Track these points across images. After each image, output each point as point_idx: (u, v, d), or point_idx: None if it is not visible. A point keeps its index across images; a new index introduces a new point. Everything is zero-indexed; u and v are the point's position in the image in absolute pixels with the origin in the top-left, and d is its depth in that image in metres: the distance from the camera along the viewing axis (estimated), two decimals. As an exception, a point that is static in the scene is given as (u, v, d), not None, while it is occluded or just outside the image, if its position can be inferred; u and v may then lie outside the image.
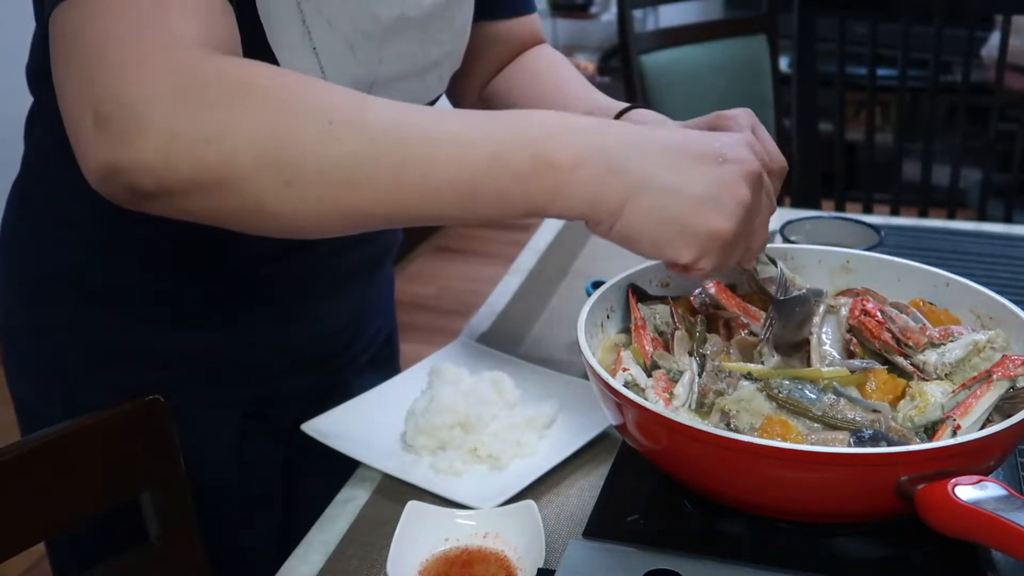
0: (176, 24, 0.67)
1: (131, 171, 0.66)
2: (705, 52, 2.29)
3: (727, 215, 0.70)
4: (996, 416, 0.82)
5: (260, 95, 0.67)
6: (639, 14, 4.23)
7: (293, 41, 0.84)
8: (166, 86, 0.65)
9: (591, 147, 0.68)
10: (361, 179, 0.67)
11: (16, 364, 1.05)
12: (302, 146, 0.66)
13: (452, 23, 0.98)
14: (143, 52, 0.65)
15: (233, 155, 0.65)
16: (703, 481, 0.82)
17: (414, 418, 1.00)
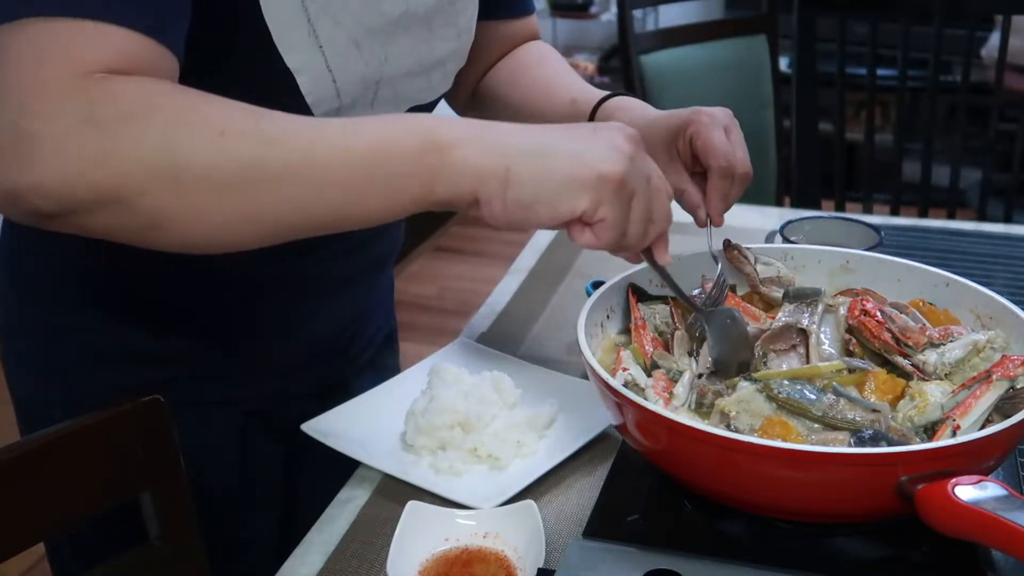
0: (78, 53, 0.68)
1: (30, 194, 0.67)
2: (705, 52, 2.29)
3: (610, 159, 0.73)
4: (996, 416, 0.82)
5: (152, 112, 0.68)
6: (639, 14, 4.23)
7: (299, 41, 0.84)
8: (60, 110, 0.66)
9: (471, 128, 0.73)
10: (254, 182, 0.68)
11: (16, 363, 1.05)
12: (193, 157, 0.68)
13: (457, 20, 0.98)
14: (42, 79, 0.67)
15: (126, 173, 0.67)
16: (703, 481, 0.82)
17: (414, 418, 1.00)
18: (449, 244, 4.00)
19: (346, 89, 0.88)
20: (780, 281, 1.01)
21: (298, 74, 0.85)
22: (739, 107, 2.46)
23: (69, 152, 0.66)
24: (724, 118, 0.96)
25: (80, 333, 0.99)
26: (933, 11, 2.02)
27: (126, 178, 0.67)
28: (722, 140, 0.95)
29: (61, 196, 0.67)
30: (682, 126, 0.96)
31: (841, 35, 2.09)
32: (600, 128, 0.75)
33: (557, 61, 1.15)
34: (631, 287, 0.99)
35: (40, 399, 1.03)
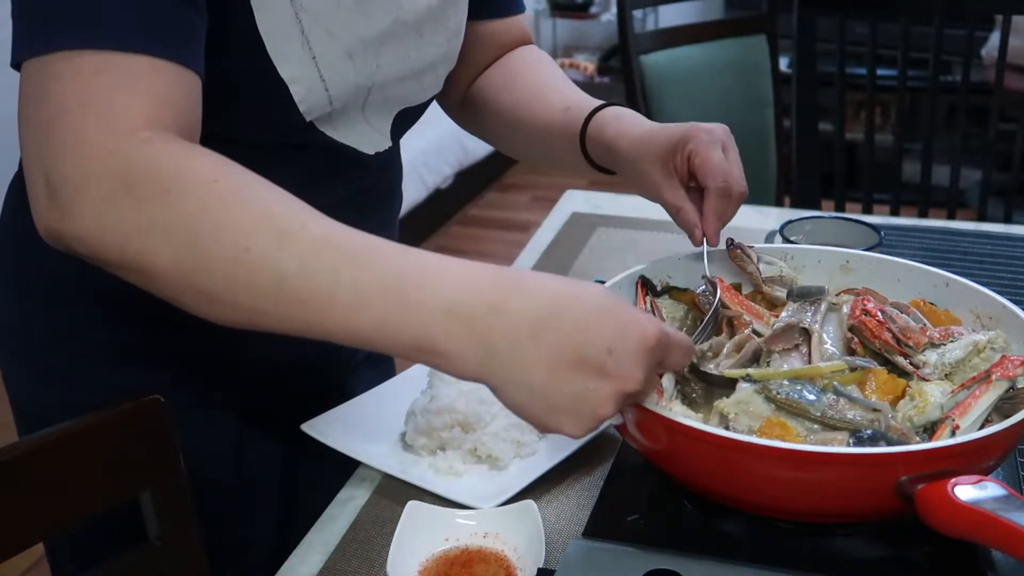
0: (122, 105, 0.70)
1: (70, 240, 0.71)
2: (705, 52, 2.29)
3: (580, 425, 0.70)
4: (995, 416, 0.82)
5: (185, 202, 0.69)
6: (639, 14, 4.23)
7: (293, 52, 0.84)
8: (101, 173, 0.69)
9: (474, 341, 0.68)
10: (266, 311, 0.70)
11: (15, 364, 1.05)
12: (215, 269, 0.70)
13: (446, 24, 0.98)
14: (86, 134, 0.69)
15: (153, 257, 0.70)
16: (703, 481, 0.82)
17: (414, 418, 1.00)
18: (449, 244, 4.00)
19: (338, 96, 0.89)
20: (783, 280, 1.01)
21: (292, 84, 0.85)
22: (739, 107, 2.47)
23: (104, 219, 0.70)
24: (722, 135, 0.96)
25: (78, 334, 0.99)
26: (933, 11, 2.02)
27: (152, 258, 0.70)
28: (720, 159, 0.94)
29: (94, 252, 0.71)
30: (680, 142, 0.95)
31: (841, 35, 2.09)
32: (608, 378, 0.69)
33: (549, 65, 1.15)
34: (641, 279, 0.99)
35: (38, 400, 1.03)
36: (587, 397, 0.69)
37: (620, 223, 1.57)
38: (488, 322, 0.68)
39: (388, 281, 0.69)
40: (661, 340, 0.71)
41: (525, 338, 0.68)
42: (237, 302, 0.70)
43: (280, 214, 0.70)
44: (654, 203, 1.01)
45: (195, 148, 0.73)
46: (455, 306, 0.68)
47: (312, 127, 0.90)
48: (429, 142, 3.77)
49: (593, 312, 0.69)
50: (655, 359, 0.71)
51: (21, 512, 0.83)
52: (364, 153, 0.96)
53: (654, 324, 0.71)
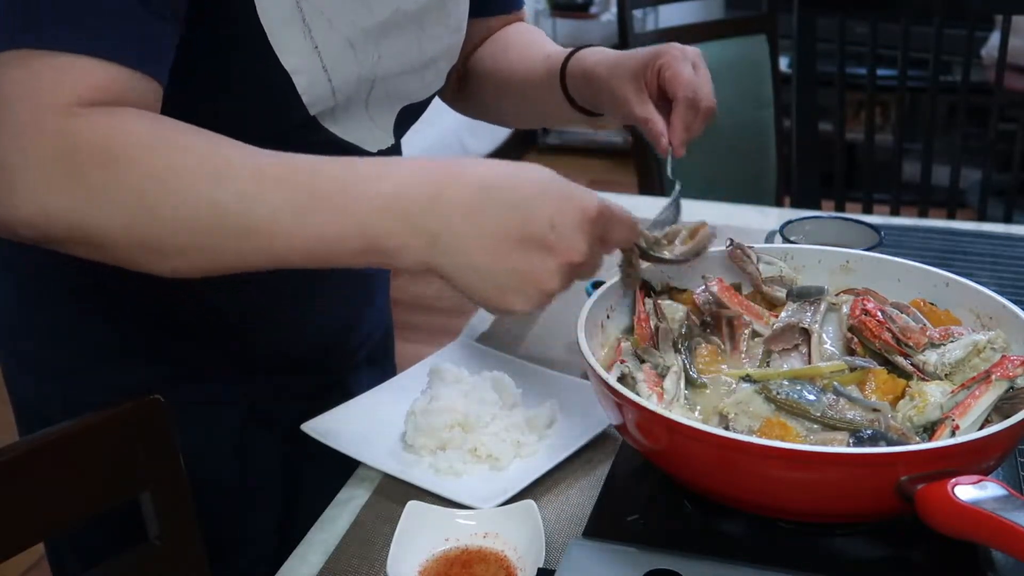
0: (52, 86, 0.71)
1: (15, 225, 0.72)
2: (705, 52, 2.29)
3: (528, 301, 0.74)
4: (995, 416, 0.82)
5: (123, 165, 0.71)
6: (639, 14, 4.23)
7: (295, 42, 0.84)
8: (37, 154, 0.70)
9: (414, 233, 0.72)
10: (217, 249, 0.73)
11: (15, 364, 1.05)
12: (162, 223, 0.72)
13: (447, 18, 0.98)
14: (18, 118, 0.70)
15: (103, 223, 0.72)
16: (703, 481, 0.82)
17: (414, 418, 1.00)
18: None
19: (341, 88, 0.89)
20: (783, 280, 1.01)
21: (295, 75, 0.85)
22: (739, 107, 2.47)
23: (45, 196, 0.70)
24: (693, 55, 0.99)
25: (79, 333, 0.99)
26: (933, 11, 2.02)
27: (100, 225, 0.72)
28: (690, 73, 0.97)
29: (40, 232, 0.72)
30: (652, 58, 0.98)
31: (841, 35, 2.09)
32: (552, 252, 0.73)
33: (537, 33, 1.17)
34: (640, 280, 0.99)
35: (39, 399, 1.03)
36: (533, 272, 0.73)
37: (620, 223, 1.57)
38: (425, 212, 0.72)
39: (325, 193, 0.72)
40: (602, 212, 0.75)
41: (462, 221, 0.72)
42: (185, 248, 0.73)
43: (211, 153, 0.73)
44: (655, 203, 1.01)
45: (124, 111, 0.74)
46: (391, 204, 0.72)
47: (316, 123, 0.90)
48: (430, 141, 3.76)
49: (532, 189, 0.73)
50: (596, 231, 0.75)
51: (21, 512, 0.83)
52: (366, 151, 0.96)
53: (593, 197, 0.75)
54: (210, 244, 0.73)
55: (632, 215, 0.81)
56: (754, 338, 0.94)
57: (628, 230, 0.80)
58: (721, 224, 1.55)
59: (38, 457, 0.83)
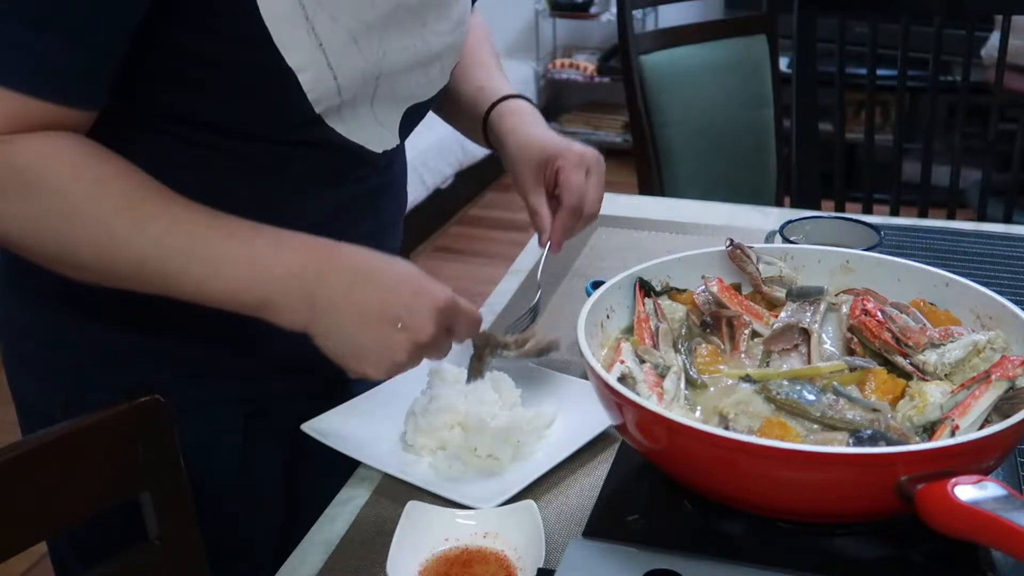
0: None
1: None
2: (705, 52, 2.29)
3: (379, 369, 0.88)
4: (995, 416, 0.82)
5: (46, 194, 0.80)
6: (639, 14, 4.23)
7: (298, 39, 0.84)
8: None
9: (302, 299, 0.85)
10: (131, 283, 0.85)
11: (18, 363, 1.05)
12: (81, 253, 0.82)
13: (449, 13, 0.98)
14: None
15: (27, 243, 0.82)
16: (703, 481, 0.82)
17: (414, 418, 1.00)
18: (449, 244, 4.00)
19: (347, 86, 0.89)
20: (782, 281, 1.01)
21: (299, 72, 0.85)
22: (739, 107, 2.47)
23: None
24: (590, 159, 1.09)
25: (81, 333, 0.99)
26: (933, 11, 2.02)
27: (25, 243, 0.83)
28: (580, 182, 1.07)
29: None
30: (551, 157, 1.08)
31: (841, 35, 2.09)
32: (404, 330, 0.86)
33: (483, 38, 1.21)
34: (639, 281, 0.99)
35: (42, 399, 1.03)
36: (387, 344, 0.86)
37: (620, 223, 1.57)
38: (314, 285, 0.85)
39: (237, 254, 0.84)
40: (449, 304, 0.87)
41: (340, 297, 0.85)
42: (107, 276, 0.84)
43: (137, 198, 0.82)
44: (655, 203, 1.02)
45: (58, 138, 0.80)
46: (290, 273, 0.85)
47: (321, 122, 0.90)
48: (429, 142, 3.76)
49: (396, 279, 0.87)
50: (445, 320, 0.87)
51: (21, 512, 0.83)
52: (372, 152, 0.97)
53: (444, 292, 0.88)
54: (128, 277, 0.84)
55: (479, 315, 0.93)
56: (754, 338, 0.94)
57: (471, 324, 0.92)
58: (721, 224, 1.56)
59: (38, 457, 0.83)
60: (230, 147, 0.90)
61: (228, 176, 0.92)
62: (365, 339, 0.86)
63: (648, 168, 2.26)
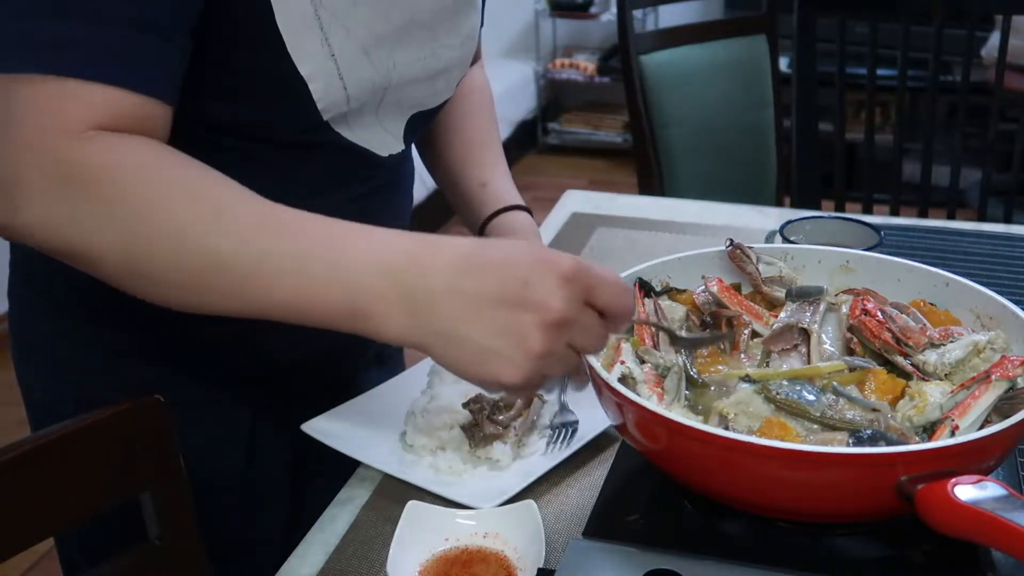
0: (70, 113, 0.74)
1: (19, 234, 0.76)
2: (705, 52, 2.29)
3: (514, 367, 0.71)
4: (995, 416, 0.82)
5: (121, 192, 0.74)
6: (639, 14, 4.23)
7: (313, 50, 0.84)
8: (41, 172, 0.73)
9: (399, 298, 0.72)
10: (207, 289, 0.75)
11: (28, 360, 1.05)
12: (154, 255, 0.74)
13: (460, 28, 0.98)
14: (29, 137, 0.73)
15: (96, 247, 0.74)
16: (703, 481, 0.82)
17: (414, 418, 1.00)
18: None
19: (355, 95, 0.89)
20: (782, 281, 1.01)
21: (311, 81, 0.85)
22: (739, 107, 2.47)
23: (47, 213, 0.74)
24: None
25: (91, 330, 1.00)
26: (933, 11, 2.02)
27: (94, 247, 0.74)
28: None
29: (40, 244, 0.76)
30: None
31: (841, 35, 2.09)
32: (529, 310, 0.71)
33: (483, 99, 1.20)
34: (639, 281, 0.99)
35: (52, 395, 1.04)
36: (512, 333, 0.71)
37: (620, 223, 1.57)
38: (411, 279, 0.72)
39: (320, 251, 0.73)
40: (578, 269, 0.73)
41: (443, 287, 0.72)
42: (178, 283, 0.75)
43: (213, 195, 0.75)
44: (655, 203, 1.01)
45: (131, 139, 0.76)
46: (383, 268, 0.73)
47: (328, 127, 0.90)
48: (429, 142, 3.76)
49: (508, 253, 0.73)
50: (576, 288, 0.72)
51: (22, 511, 0.83)
52: (379, 155, 0.97)
53: (569, 257, 0.73)
54: (201, 282, 0.74)
55: (623, 283, 0.77)
56: (754, 338, 0.94)
57: (618, 296, 0.76)
58: (721, 224, 1.56)
59: (38, 457, 0.84)
60: (236, 148, 0.90)
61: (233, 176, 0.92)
62: (482, 334, 0.71)
63: (648, 168, 2.26)
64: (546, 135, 4.99)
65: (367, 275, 0.72)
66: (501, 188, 1.14)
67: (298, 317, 0.74)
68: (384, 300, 0.72)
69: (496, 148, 1.19)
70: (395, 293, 0.72)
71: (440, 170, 1.19)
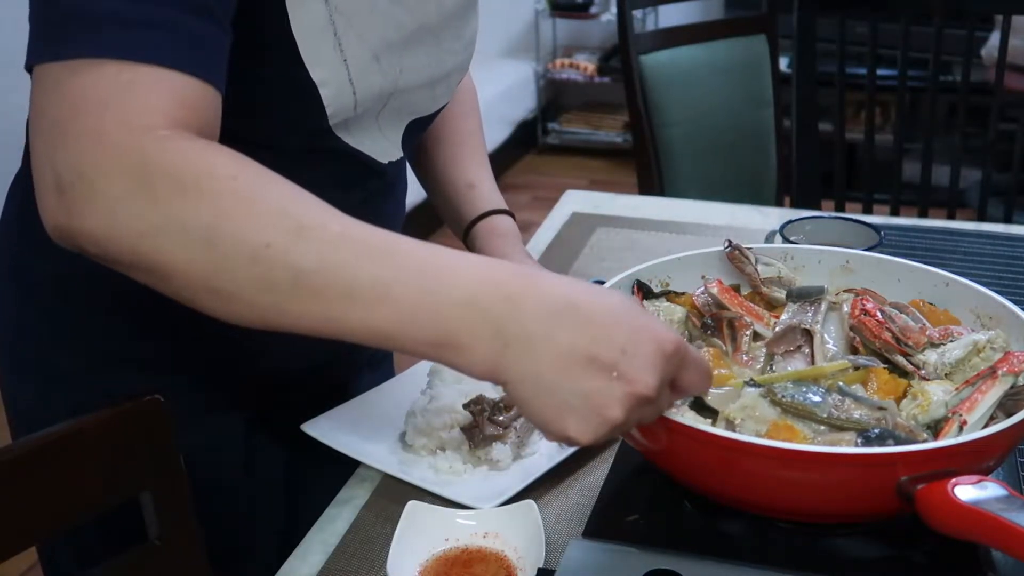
0: (142, 102, 0.69)
1: (80, 238, 0.70)
2: (705, 52, 2.29)
3: (587, 428, 0.69)
4: (999, 414, 0.82)
5: (202, 200, 0.68)
6: (639, 14, 4.23)
7: (326, 55, 0.84)
8: (117, 170, 0.68)
9: (491, 333, 0.68)
10: (282, 311, 0.69)
11: (17, 371, 1.04)
12: (232, 268, 0.68)
13: (463, 33, 0.99)
14: (104, 130, 0.68)
15: (168, 256, 0.68)
16: (703, 481, 0.82)
17: (414, 419, 1.00)
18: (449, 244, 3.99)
19: (363, 101, 0.89)
20: (781, 281, 1.01)
21: (322, 87, 0.85)
22: (739, 107, 2.47)
23: (119, 216, 0.68)
24: None
25: (82, 338, 0.99)
26: (933, 11, 2.02)
27: (166, 257, 0.68)
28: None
29: (104, 250, 0.70)
30: None
31: (841, 35, 2.09)
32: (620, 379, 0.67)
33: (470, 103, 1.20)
34: (637, 283, 0.99)
35: (41, 406, 1.02)
36: (595, 397, 0.67)
37: (620, 223, 1.57)
38: (505, 314, 0.68)
39: (408, 275, 0.68)
40: (679, 350, 0.70)
41: (539, 332, 0.67)
42: (255, 300, 0.69)
43: (298, 211, 0.70)
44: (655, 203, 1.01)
45: (213, 145, 0.72)
46: (475, 298, 0.68)
47: (331, 133, 0.90)
48: (429, 142, 3.76)
49: (609, 312, 0.69)
50: (670, 369, 0.70)
51: (21, 512, 0.83)
52: (377, 161, 0.97)
53: (672, 334, 0.70)
54: (279, 302, 0.69)
55: (709, 367, 0.75)
56: (755, 340, 0.94)
57: (702, 377, 0.73)
58: (721, 224, 1.56)
59: (38, 457, 0.83)
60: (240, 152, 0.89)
61: None
62: (568, 387, 0.67)
63: (648, 168, 2.26)
64: (546, 135, 4.99)
65: (458, 306, 0.68)
66: (488, 191, 1.15)
67: (380, 342, 0.70)
68: (474, 334, 0.68)
69: (483, 151, 1.19)
70: (488, 329, 0.68)
71: (426, 169, 1.18)
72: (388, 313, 0.68)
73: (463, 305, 0.68)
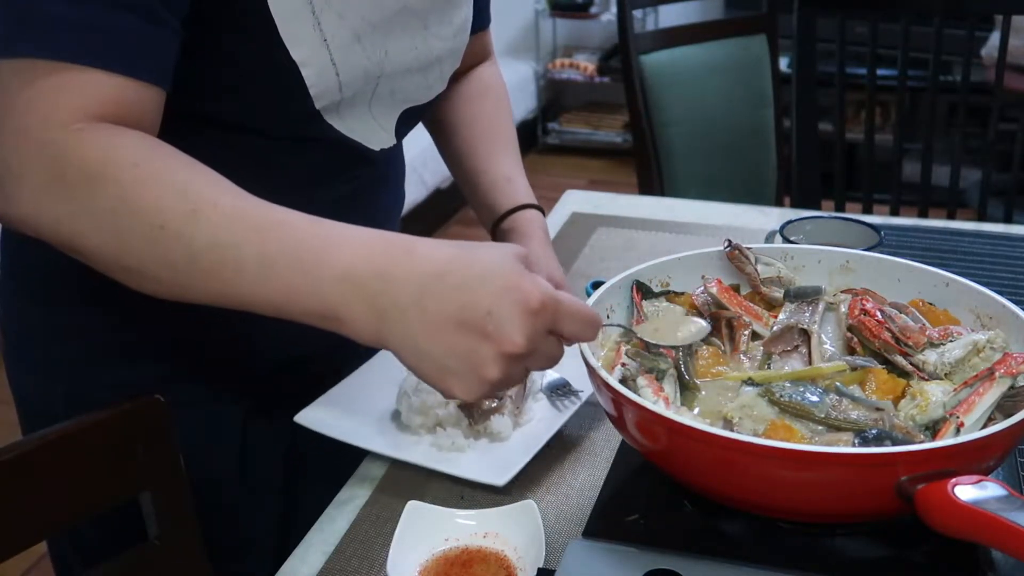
0: (65, 101, 0.75)
1: (17, 223, 0.78)
2: (705, 52, 2.29)
3: (469, 388, 0.73)
4: (998, 414, 0.82)
5: (107, 186, 0.75)
6: (639, 14, 4.23)
7: (305, 35, 0.85)
8: (38, 163, 0.75)
9: (366, 307, 0.73)
10: (184, 286, 0.77)
11: (18, 360, 1.05)
12: (135, 247, 0.75)
13: (451, 19, 0.99)
14: (28, 128, 0.75)
15: (83, 239, 0.76)
16: (703, 481, 0.82)
17: (407, 398, 1.00)
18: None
19: (348, 83, 0.90)
20: (780, 281, 1.01)
21: (303, 67, 0.86)
22: (739, 107, 2.47)
23: (41, 204, 0.76)
24: None
25: (81, 329, 1.00)
26: (933, 11, 2.02)
27: (82, 240, 0.76)
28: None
29: (39, 234, 0.78)
30: None
31: (841, 35, 2.09)
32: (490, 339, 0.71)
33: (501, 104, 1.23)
34: (636, 283, 0.99)
35: (42, 396, 1.03)
36: (469, 358, 0.71)
37: (620, 223, 1.57)
38: (376, 288, 0.72)
39: (291, 252, 0.74)
40: (545, 305, 0.72)
41: (409, 303, 0.72)
42: (159, 276, 0.76)
43: (194, 191, 0.75)
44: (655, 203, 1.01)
45: (126, 134, 0.77)
46: (349, 273, 0.73)
47: (321, 118, 0.90)
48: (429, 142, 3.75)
49: (478, 276, 0.72)
50: (540, 324, 0.72)
51: (21, 511, 0.83)
52: (370, 149, 0.97)
53: (538, 289, 0.72)
54: (179, 278, 0.76)
55: (592, 314, 0.76)
56: (754, 339, 0.94)
57: (584, 325, 0.75)
58: (721, 224, 1.56)
59: (38, 457, 0.84)
60: (228, 141, 0.90)
61: (225, 171, 0.92)
62: (442, 353, 0.72)
63: (648, 168, 2.26)
64: (546, 135, 4.99)
65: (334, 282, 0.73)
66: (524, 186, 1.17)
67: (274, 314, 0.76)
68: (351, 308, 0.73)
69: (517, 147, 1.22)
70: (362, 304, 0.73)
71: (464, 157, 1.19)
72: (276, 287, 0.74)
73: (339, 281, 0.73)
